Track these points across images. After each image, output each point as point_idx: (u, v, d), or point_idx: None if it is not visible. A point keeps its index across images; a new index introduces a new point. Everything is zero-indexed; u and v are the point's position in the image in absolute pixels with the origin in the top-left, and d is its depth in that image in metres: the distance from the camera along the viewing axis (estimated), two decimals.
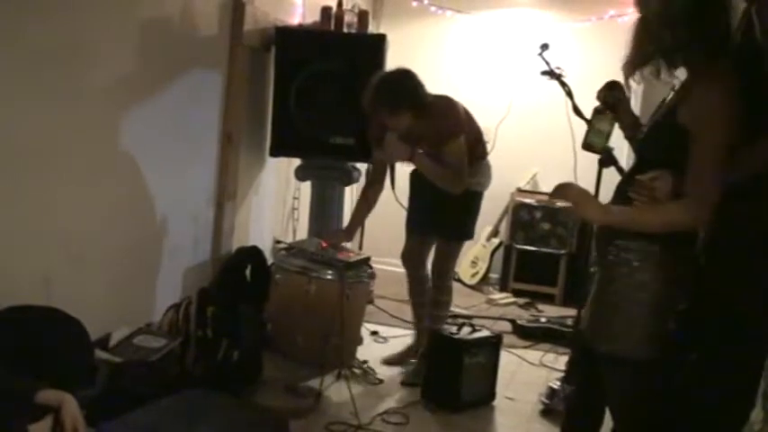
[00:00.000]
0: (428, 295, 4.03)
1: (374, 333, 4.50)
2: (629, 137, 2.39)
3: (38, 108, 2.76)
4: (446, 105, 3.67)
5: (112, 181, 3.27)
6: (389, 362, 4.07)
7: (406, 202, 4.04)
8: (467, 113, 3.80)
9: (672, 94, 2.16)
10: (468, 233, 3.97)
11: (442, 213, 3.81)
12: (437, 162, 3.63)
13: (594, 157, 3.27)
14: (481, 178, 3.89)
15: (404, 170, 3.93)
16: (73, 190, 3.01)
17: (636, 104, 5.40)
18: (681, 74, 2.13)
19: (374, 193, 3.97)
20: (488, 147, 4.03)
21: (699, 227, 2.04)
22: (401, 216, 4.07)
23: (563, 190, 2.15)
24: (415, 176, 3.92)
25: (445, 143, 3.59)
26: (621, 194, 2.17)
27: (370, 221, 4.67)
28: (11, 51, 2.60)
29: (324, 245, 3.92)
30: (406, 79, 3.54)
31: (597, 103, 2.41)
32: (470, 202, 3.88)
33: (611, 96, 2.34)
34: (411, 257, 4.04)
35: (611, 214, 2.13)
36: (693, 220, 2.00)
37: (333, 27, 4.51)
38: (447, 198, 3.69)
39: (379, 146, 3.72)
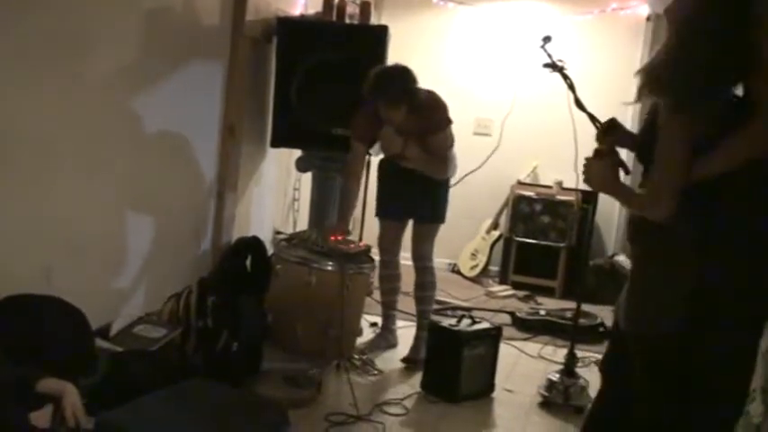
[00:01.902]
0: (397, 282, 4.16)
1: (373, 324, 4.50)
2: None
3: (38, 98, 2.77)
4: (435, 100, 3.81)
5: (113, 171, 3.27)
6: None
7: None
8: None
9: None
10: (444, 216, 4.04)
11: (420, 199, 3.92)
12: (423, 151, 3.79)
13: None
14: (453, 166, 4.00)
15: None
16: (73, 180, 3.02)
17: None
18: None
19: (358, 183, 4.06)
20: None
21: (661, 216, 2.08)
22: None
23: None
24: (387, 165, 3.99)
25: (433, 134, 3.76)
26: None
27: (370, 213, 4.67)
28: (11, 42, 2.60)
29: (333, 238, 3.92)
30: (404, 75, 3.67)
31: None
32: (443, 188, 3.98)
33: (609, 142, 2.43)
34: (390, 243, 4.10)
35: (617, 191, 2.27)
36: (652, 208, 2.10)
37: (335, 18, 4.51)
38: (422, 184, 3.84)
39: (361, 138, 3.89)
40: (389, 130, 3.77)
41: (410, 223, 4.07)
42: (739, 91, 2.21)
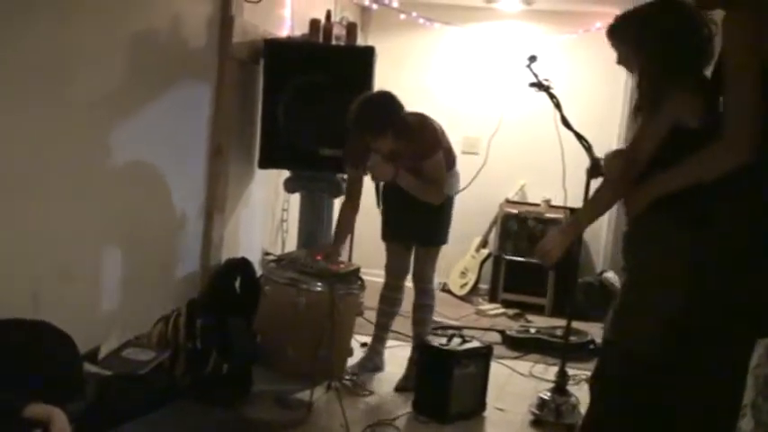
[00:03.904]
0: (397, 307, 4.14)
1: (364, 345, 4.49)
2: None
3: (25, 120, 2.76)
4: (423, 124, 3.77)
5: (101, 193, 3.26)
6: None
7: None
8: (440, 130, 3.89)
9: None
10: (445, 238, 4.03)
11: (420, 221, 3.88)
12: (417, 176, 3.73)
13: (583, 168, 3.31)
14: (453, 184, 3.97)
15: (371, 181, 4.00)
16: (61, 202, 3.01)
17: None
18: None
19: (353, 209, 4.01)
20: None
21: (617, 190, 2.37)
22: None
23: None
24: (388, 188, 3.97)
25: (425, 159, 3.71)
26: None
27: (359, 233, 4.68)
28: None
29: (318, 257, 3.93)
30: (387, 103, 3.64)
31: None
32: (445, 208, 3.94)
33: None
34: (395, 266, 4.08)
35: (578, 222, 2.55)
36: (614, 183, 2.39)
37: (321, 39, 4.52)
38: (422, 206, 3.79)
39: (354, 165, 3.84)
40: (377, 158, 3.71)
41: None
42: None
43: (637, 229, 2.33)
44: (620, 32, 2.43)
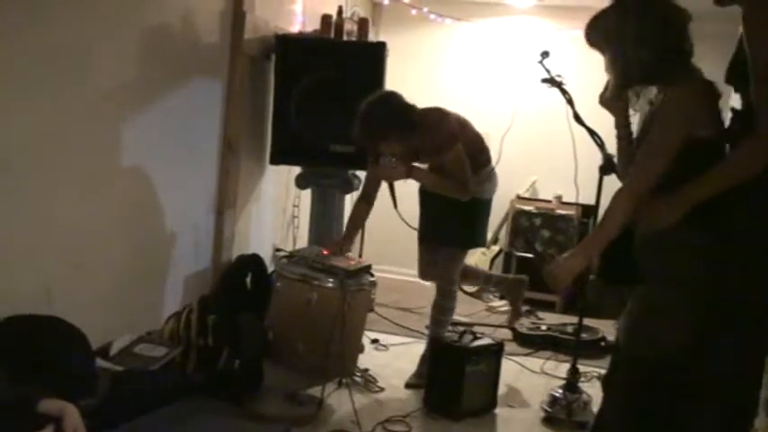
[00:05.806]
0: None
1: (375, 341, 4.50)
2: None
3: (38, 115, 2.77)
4: (437, 117, 3.70)
5: (113, 189, 3.27)
6: (412, 385, 3.96)
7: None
8: (461, 123, 3.84)
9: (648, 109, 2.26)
10: (471, 240, 3.99)
11: (446, 221, 3.86)
12: (440, 173, 3.68)
13: (595, 165, 3.29)
14: (486, 185, 3.91)
15: (412, 186, 3.97)
16: (73, 198, 3.02)
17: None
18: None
19: (368, 205, 3.98)
20: (492, 155, 4.03)
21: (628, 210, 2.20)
22: (401, 224, 4.07)
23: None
24: (422, 188, 3.95)
25: (443, 154, 3.66)
26: None
27: (371, 229, 4.67)
28: (11, 58, 2.60)
29: (325, 252, 3.93)
30: (386, 105, 3.56)
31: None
32: (474, 210, 3.89)
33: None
34: (424, 270, 4.08)
35: (589, 245, 2.37)
36: (624, 203, 2.22)
37: (333, 35, 4.52)
38: (451, 206, 3.74)
39: (375, 161, 3.78)
40: (387, 159, 3.67)
41: None
42: (736, 103, 2.22)
43: (650, 233, 2.28)
44: (598, 30, 2.40)
